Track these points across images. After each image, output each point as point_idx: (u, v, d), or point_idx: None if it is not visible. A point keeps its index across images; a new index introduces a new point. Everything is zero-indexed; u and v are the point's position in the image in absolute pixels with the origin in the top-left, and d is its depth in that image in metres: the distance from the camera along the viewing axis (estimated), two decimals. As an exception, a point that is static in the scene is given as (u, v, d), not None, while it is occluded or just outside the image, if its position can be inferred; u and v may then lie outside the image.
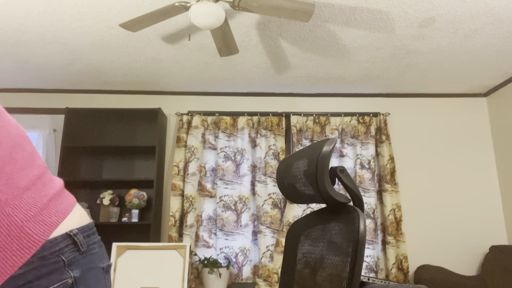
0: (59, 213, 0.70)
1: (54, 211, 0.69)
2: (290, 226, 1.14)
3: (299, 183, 1.05)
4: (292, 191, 1.10)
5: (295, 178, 1.06)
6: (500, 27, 2.61)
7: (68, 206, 0.73)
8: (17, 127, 0.74)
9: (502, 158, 3.61)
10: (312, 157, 0.98)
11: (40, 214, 0.68)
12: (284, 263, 1.13)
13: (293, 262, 1.10)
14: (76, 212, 0.77)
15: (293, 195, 1.10)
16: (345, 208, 0.98)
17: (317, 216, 1.09)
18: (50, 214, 0.68)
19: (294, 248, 1.11)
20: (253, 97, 3.77)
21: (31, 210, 0.67)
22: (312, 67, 3.22)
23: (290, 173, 1.10)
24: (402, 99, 3.83)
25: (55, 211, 0.69)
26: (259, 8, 2.05)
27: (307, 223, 1.12)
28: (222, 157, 3.50)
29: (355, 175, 3.51)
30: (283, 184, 1.13)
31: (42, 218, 0.67)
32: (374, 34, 2.69)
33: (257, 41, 2.79)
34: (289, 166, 1.12)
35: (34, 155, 0.76)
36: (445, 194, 3.61)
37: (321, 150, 0.94)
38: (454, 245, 3.51)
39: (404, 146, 3.71)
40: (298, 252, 1.11)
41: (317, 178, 0.94)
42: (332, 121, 3.64)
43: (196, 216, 3.37)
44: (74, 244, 0.70)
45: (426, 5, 2.36)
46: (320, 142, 1.01)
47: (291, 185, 1.09)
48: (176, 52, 2.94)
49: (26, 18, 2.47)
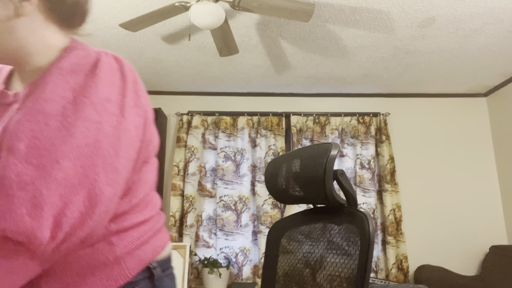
0: (155, 250, 0.72)
1: (152, 248, 0.71)
2: (272, 225, 1.16)
3: (296, 185, 1.07)
4: (284, 192, 1.12)
5: (293, 179, 1.07)
6: (500, 27, 2.61)
7: (164, 243, 0.75)
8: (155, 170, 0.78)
9: (502, 158, 3.61)
10: (318, 160, 1.01)
11: (139, 249, 0.69)
12: (266, 259, 1.14)
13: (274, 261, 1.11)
14: (167, 247, 0.78)
15: (284, 196, 1.12)
16: (343, 209, 1.00)
17: (309, 216, 1.11)
18: (147, 251, 0.70)
19: (276, 246, 1.14)
20: (253, 97, 3.77)
21: (133, 244, 0.68)
22: (312, 67, 3.22)
23: (283, 173, 1.12)
24: (402, 99, 3.83)
25: (152, 248, 0.71)
26: (259, 8, 2.05)
27: (292, 223, 1.14)
28: (222, 157, 3.50)
29: (355, 175, 3.51)
30: (274, 184, 1.14)
31: (139, 254, 0.68)
32: (374, 34, 2.69)
33: (257, 41, 2.79)
34: (282, 166, 1.13)
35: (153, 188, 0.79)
36: (445, 194, 3.61)
37: (329, 153, 0.97)
38: (454, 245, 3.51)
39: (404, 146, 3.71)
40: (282, 250, 1.11)
41: (325, 180, 0.97)
42: (332, 121, 3.64)
43: (196, 216, 3.37)
44: (150, 277, 0.70)
45: (426, 5, 2.36)
46: (322, 145, 1.02)
47: (286, 186, 1.10)
48: (176, 52, 2.95)
49: (26, 18, 2.47)
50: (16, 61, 0.71)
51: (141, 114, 0.67)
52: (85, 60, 0.64)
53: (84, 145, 0.58)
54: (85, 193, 0.56)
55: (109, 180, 0.59)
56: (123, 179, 0.63)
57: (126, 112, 0.64)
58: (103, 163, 0.59)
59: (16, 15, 0.68)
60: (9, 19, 0.67)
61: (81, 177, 0.56)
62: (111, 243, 0.66)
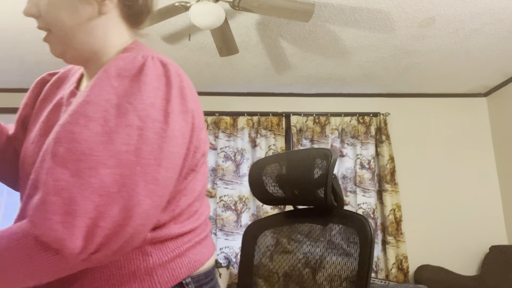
0: (191, 264, 0.67)
1: (187, 262, 0.66)
2: (248, 226, 1.19)
3: (283, 186, 1.09)
4: (266, 193, 1.14)
5: (279, 181, 1.10)
6: (500, 27, 2.61)
7: (203, 258, 0.70)
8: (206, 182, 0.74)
9: (502, 158, 3.61)
10: (313, 163, 1.04)
11: (173, 261, 0.65)
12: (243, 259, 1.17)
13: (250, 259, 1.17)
14: (209, 260, 0.73)
15: (267, 197, 1.14)
16: (333, 211, 1.03)
17: (291, 217, 1.14)
18: (181, 265, 0.66)
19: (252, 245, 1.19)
20: (253, 97, 3.77)
21: (168, 255, 0.64)
22: (312, 67, 3.22)
23: (269, 175, 1.14)
24: (402, 99, 3.83)
25: (188, 261, 0.67)
26: (259, 8, 2.05)
27: (268, 223, 1.17)
28: (222, 157, 3.50)
29: (355, 175, 3.51)
30: (259, 185, 1.16)
31: (173, 267, 0.64)
32: (374, 34, 2.69)
33: (257, 41, 2.79)
34: (267, 168, 1.16)
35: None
36: (445, 194, 3.61)
37: (331, 158, 1.01)
38: (454, 245, 3.51)
39: (404, 146, 3.71)
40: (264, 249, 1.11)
41: (327, 182, 0.99)
42: (332, 121, 3.64)
43: (196, 216, 3.37)
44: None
45: (426, 5, 2.36)
46: (317, 149, 1.05)
47: (272, 187, 1.13)
48: (176, 52, 2.94)
49: (26, 18, 2.47)
50: (87, 59, 0.71)
51: (188, 120, 0.64)
52: (131, 64, 0.62)
53: (124, 152, 0.55)
54: (121, 203, 0.54)
55: (148, 191, 0.56)
56: (164, 190, 0.59)
57: (171, 118, 0.60)
58: (143, 172, 0.56)
59: (99, 13, 0.68)
60: (92, 18, 0.68)
61: (119, 186, 0.54)
62: (145, 252, 0.63)
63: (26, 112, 0.82)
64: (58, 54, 0.70)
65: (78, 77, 0.77)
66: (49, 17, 0.66)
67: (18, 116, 0.82)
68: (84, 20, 0.67)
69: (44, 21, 0.67)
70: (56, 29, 0.67)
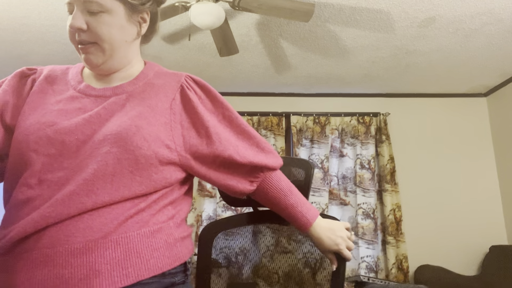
0: (190, 248, 0.85)
1: (190, 244, 0.84)
2: (205, 226, 1.25)
3: None
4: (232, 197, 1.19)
5: None
6: (500, 27, 2.61)
7: (192, 247, 0.90)
8: None
9: (502, 158, 3.61)
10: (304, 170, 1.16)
11: (185, 240, 0.83)
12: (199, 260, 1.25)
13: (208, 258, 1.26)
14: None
15: (232, 200, 1.19)
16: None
17: (249, 218, 1.26)
18: (189, 244, 0.83)
19: (209, 246, 1.28)
20: (253, 97, 3.77)
21: (183, 234, 0.83)
22: (312, 67, 3.22)
23: None
24: (402, 99, 3.83)
25: (190, 244, 0.85)
26: (259, 8, 2.05)
27: (225, 225, 1.26)
28: (222, 157, 3.50)
29: (355, 175, 3.51)
30: None
31: (186, 244, 0.82)
32: (374, 34, 2.69)
33: (257, 41, 2.79)
34: None
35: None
36: (445, 194, 3.61)
37: (313, 167, 1.15)
38: (454, 245, 3.51)
39: (404, 146, 3.71)
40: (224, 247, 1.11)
41: (308, 187, 1.12)
42: (332, 121, 3.63)
43: (196, 216, 3.37)
44: (185, 271, 0.83)
45: (426, 5, 2.36)
46: (301, 160, 1.16)
47: None
48: (176, 52, 2.94)
49: (26, 18, 2.47)
50: (120, 68, 0.86)
51: None
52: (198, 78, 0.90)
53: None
54: None
55: None
56: None
57: None
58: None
59: (138, 34, 0.87)
60: (134, 38, 0.86)
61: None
62: (171, 227, 0.79)
63: (6, 98, 0.83)
64: (99, 63, 0.82)
65: (79, 78, 0.87)
66: (100, 33, 0.79)
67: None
68: (130, 38, 0.84)
69: (91, 35, 0.79)
70: (105, 43, 0.80)
